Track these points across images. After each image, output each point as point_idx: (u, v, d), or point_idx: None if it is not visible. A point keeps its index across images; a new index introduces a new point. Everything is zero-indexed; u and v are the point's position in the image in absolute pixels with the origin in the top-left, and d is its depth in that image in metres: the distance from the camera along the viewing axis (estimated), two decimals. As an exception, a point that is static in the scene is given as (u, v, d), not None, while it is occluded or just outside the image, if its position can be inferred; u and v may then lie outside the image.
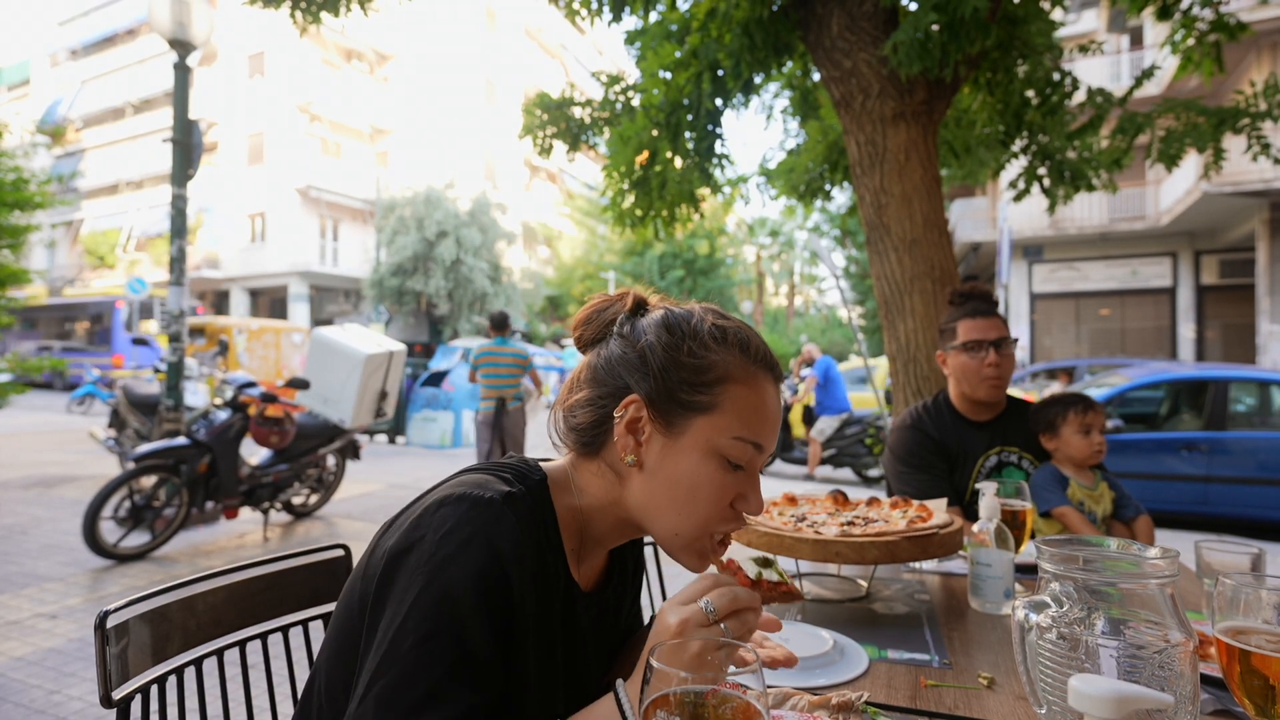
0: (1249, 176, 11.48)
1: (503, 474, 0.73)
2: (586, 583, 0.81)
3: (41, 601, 3.40)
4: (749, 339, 0.75)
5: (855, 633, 1.13)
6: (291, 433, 4.64)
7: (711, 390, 0.71)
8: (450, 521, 0.64)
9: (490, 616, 0.62)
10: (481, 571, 0.63)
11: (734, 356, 0.73)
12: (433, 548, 0.63)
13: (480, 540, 0.64)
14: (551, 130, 4.42)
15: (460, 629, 0.61)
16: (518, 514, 0.67)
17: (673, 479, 0.71)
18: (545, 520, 0.73)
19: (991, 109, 3.69)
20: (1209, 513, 5.46)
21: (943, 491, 1.80)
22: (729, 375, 0.72)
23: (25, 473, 6.70)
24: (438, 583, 0.62)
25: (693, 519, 0.71)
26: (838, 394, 7.93)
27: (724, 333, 0.74)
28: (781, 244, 35.15)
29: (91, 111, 27.70)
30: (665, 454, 0.71)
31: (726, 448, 0.70)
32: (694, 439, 0.71)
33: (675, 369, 0.72)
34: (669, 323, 0.75)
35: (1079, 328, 16.61)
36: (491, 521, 0.65)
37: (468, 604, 0.61)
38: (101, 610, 0.79)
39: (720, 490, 0.71)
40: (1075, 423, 1.79)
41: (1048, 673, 0.71)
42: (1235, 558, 1.15)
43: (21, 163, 6.85)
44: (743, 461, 0.71)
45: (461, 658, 0.60)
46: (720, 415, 0.70)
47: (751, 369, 0.73)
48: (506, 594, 0.64)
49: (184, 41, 5.02)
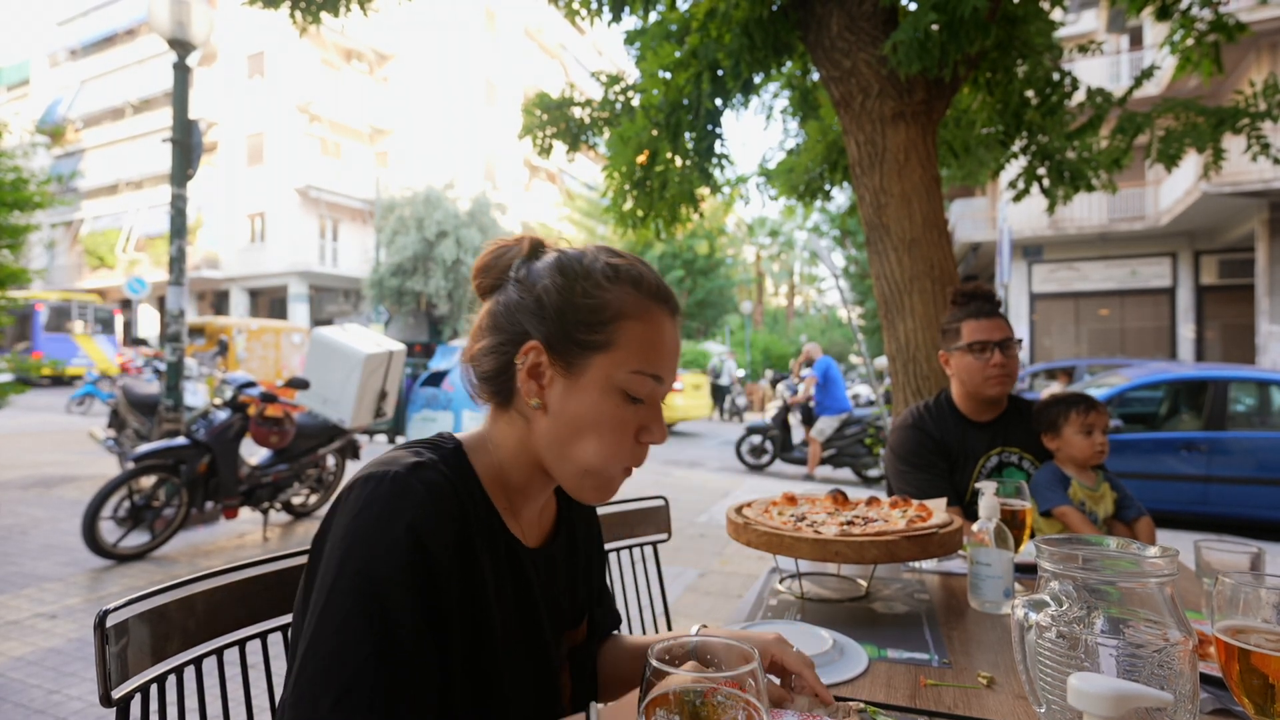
0: (1248, 176, 11.48)
1: (414, 447, 0.74)
2: (532, 539, 0.82)
3: (41, 601, 3.40)
4: (642, 274, 0.76)
5: (855, 632, 1.13)
6: (291, 433, 4.64)
7: (607, 328, 0.72)
8: (359, 504, 0.65)
9: (412, 588, 0.63)
10: (394, 545, 0.63)
11: (627, 293, 0.74)
12: (344, 531, 0.64)
13: (388, 515, 0.64)
14: (551, 130, 4.42)
15: (381, 607, 0.61)
16: (425, 481, 0.67)
17: (576, 418, 0.72)
18: (466, 482, 0.73)
19: (991, 109, 3.69)
20: (1208, 512, 5.46)
21: (943, 491, 1.80)
22: (623, 312, 0.73)
23: (25, 473, 6.70)
24: (352, 565, 0.62)
25: (598, 455, 0.73)
26: (837, 394, 7.93)
27: (616, 270, 0.75)
28: (781, 244, 35.17)
29: (91, 111, 27.69)
30: (567, 395, 0.73)
31: (625, 382, 0.72)
32: (593, 377, 0.72)
33: (570, 310, 0.73)
34: (562, 265, 0.76)
35: (1078, 328, 16.61)
36: (398, 495, 0.65)
37: (386, 581, 0.62)
38: (101, 610, 0.79)
39: (623, 424, 0.73)
40: (1077, 423, 1.79)
41: (1047, 672, 0.71)
42: (1234, 557, 1.15)
43: (21, 163, 6.84)
44: (643, 394, 0.73)
45: (386, 636, 0.61)
46: (617, 351, 0.72)
47: (645, 304, 0.74)
48: (425, 562, 0.64)
49: (183, 41, 5.02)
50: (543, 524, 0.86)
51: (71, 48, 28.92)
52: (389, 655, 0.60)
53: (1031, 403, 1.96)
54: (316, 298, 24.96)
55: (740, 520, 1.29)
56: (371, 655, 0.59)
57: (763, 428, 8.58)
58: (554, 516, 0.88)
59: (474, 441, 0.79)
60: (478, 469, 0.76)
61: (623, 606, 2.39)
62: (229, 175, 24.65)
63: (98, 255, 26.05)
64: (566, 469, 0.75)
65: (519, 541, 0.78)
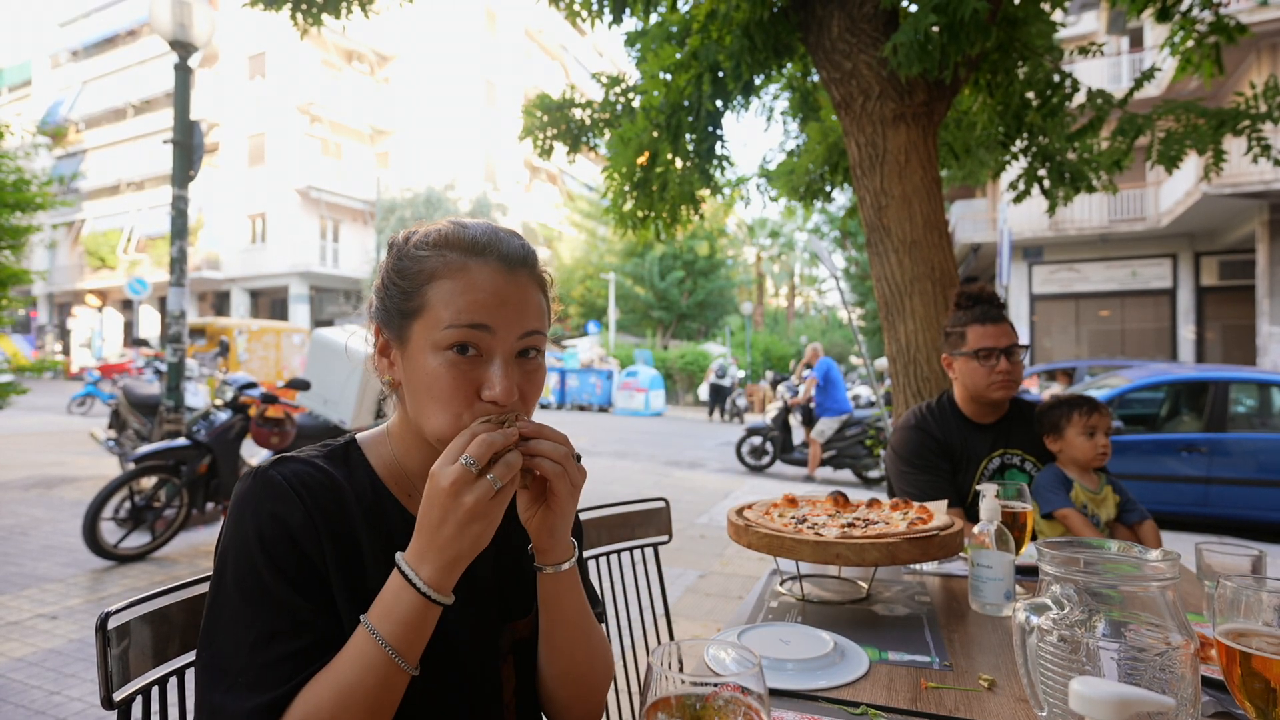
0: (1249, 178, 11.48)
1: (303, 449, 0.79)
2: None
3: (42, 602, 3.40)
4: (454, 233, 0.75)
5: (856, 634, 1.13)
6: (292, 433, 4.64)
7: (419, 294, 0.74)
8: (233, 503, 0.72)
9: (284, 574, 0.68)
10: (262, 532, 0.69)
11: (438, 255, 0.74)
12: (223, 530, 0.72)
13: (253, 508, 0.70)
14: (552, 132, 4.43)
15: (259, 596, 0.67)
16: (286, 473, 0.72)
17: (415, 386, 0.74)
18: (354, 474, 0.77)
19: (992, 110, 3.69)
20: (1209, 514, 5.46)
21: (945, 493, 1.80)
22: (433, 274, 0.74)
23: (25, 473, 6.70)
24: (230, 558, 0.69)
25: (442, 416, 0.72)
26: (838, 395, 7.92)
27: (428, 237, 0.76)
28: (781, 245, 35.16)
29: (93, 112, 27.73)
30: (406, 366, 0.76)
31: (442, 339, 0.72)
32: (418, 344, 0.74)
33: (391, 286, 0.76)
34: (390, 245, 0.79)
35: (1079, 329, 16.61)
36: (260, 488, 0.71)
37: (261, 566, 0.68)
38: (103, 611, 0.79)
39: (455, 382, 0.71)
40: (1080, 424, 1.79)
41: (1049, 675, 0.71)
42: (1236, 559, 1.15)
43: (23, 164, 6.85)
44: (471, 343, 0.72)
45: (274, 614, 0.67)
46: (430, 312, 0.73)
47: (456, 260, 0.74)
48: (292, 548, 0.69)
49: (185, 43, 5.03)
50: None
51: (73, 49, 28.96)
52: (282, 632, 0.66)
53: (1034, 404, 1.96)
54: (317, 298, 24.98)
55: (741, 522, 1.28)
56: (264, 634, 0.66)
57: (763, 429, 8.58)
58: None
59: (372, 437, 0.83)
60: (373, 461, 0.80)
61: (623, 608, 2.39)
62: (230, 176, 24.68)
63: (99, 256, 26.07)
64: (429, 436, 0.75)
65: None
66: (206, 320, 15.24)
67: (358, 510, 0.75)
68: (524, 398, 0.75)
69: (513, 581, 0.86)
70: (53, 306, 29.71)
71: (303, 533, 0.70)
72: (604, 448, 10.07)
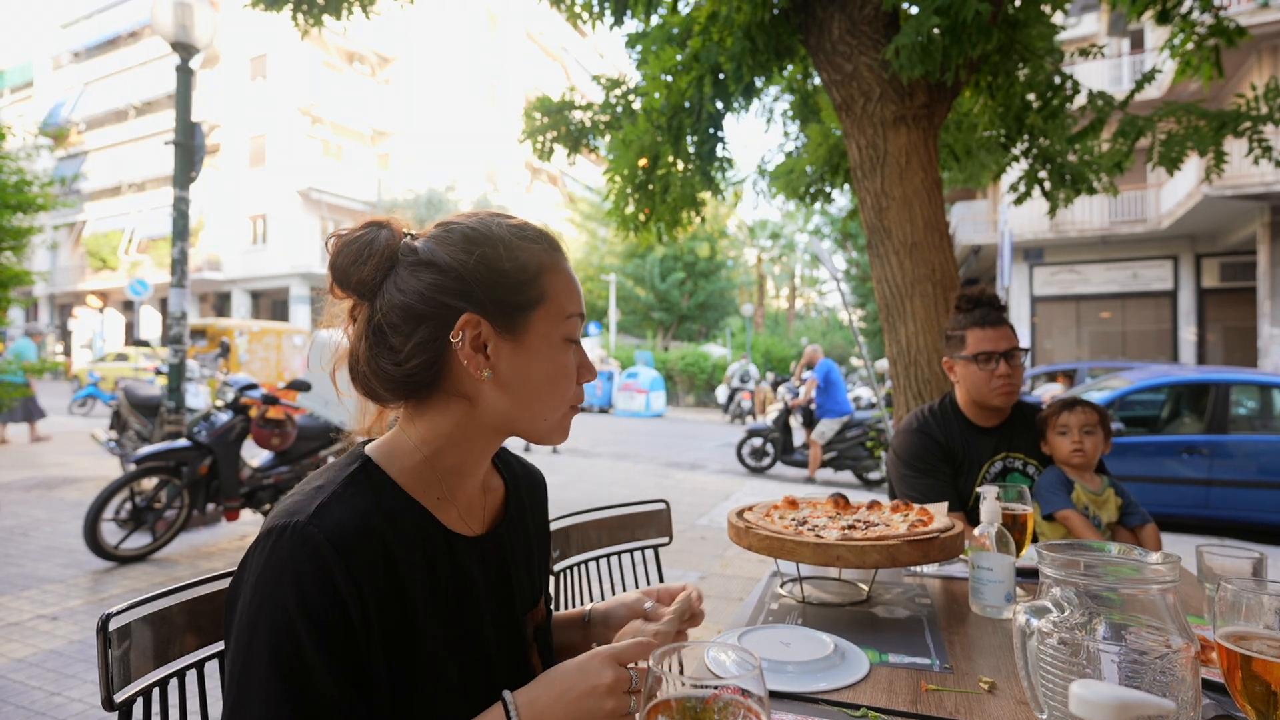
0: (1250, 180, 11.48)
1: (317, 483, 0.71)
2: (475, 526, 0.81)
3: (42, 603, 3.40)
4: (538, 229, 0.80)
5: (856, 636, 1.13)
6: (293, 435, 4.65)
7: (536, 284, 0.75)
8: (262, 562, 0.64)
9: (325, 645, 0.62)
10: (303, 601, 0.62)
11: (537, 247, 0.77)
12: (252, 591, 0.63)
13: (292, 574, 0.62)
14: (552, 134, 4.43)
15: (298, 666, 0.61)
16: (327, 527, 0.65)
17: (530, 375, 0.75)
18: (380, 496, 0.72)
19: (992, 112, 3.69)
20: (1210, 516, 5.45)
21: (946, 496, 1.79)
22: (543, 266, 0.76)
23: (26, 474, 6.70)
24: (264, 626, 0.61)
25: (555, 402, 0.77)
26: (838, 397, 7.92)
27: (522, 231, 0.78)
28: (782, 247, 35.16)
29: (94, 114, 27.76)
30: (516, 356, 0.74)
31: (566, 329, 0.76)
32: (538, 332, 0.75)
33: (499, 276, 0.74)
34: (471, 236, 0.75)
35: (1080, 330, 16.60)
36: (299, 549, 0.63)
37: (298, 640, 0.61)
38: (104, 613, 0.80)
39: (570, 368, 0.77)
40: (1054, 424, 1.82)
41: (1049, 678, 0.71)
42: (1237, 562, 1.15)
43: (24, 165, 6.86)
44: (576, 335, 0.78)
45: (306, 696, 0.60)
46: (550, 302, 0.75)
47: (553, 254, 0.78)
48: (341, 620, 0.63)
49: (186, 44, 5.04)
50: (487, 507, 0.84)
51: (75, 50, 29.01)
52: (314, 715, 0.60)
53: (1037, 407, 1.96)
54: (318, 299, 24.93)
55: (741, 524, 1.29)
56: (295, 716, 0.60)
57: (764, 430, 8.57)
58: (501, 498, 0.88)
59: (387, 448, 0.77)
60: (395, 476, 0.74)
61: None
62: (231, 177, 24.70)
63: (100, 257, 26.11)
64: (530, 424, 0.77)
65: (457, 535, 0.77)
66: (208, 321, 15.26)
67: (399, 548, 0.70)
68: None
69: (524, 574, 0.87)
70: (54, 308, 29.74)
71: (351, 600, 0.64)
72: (605, 449, 10.07)
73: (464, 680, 0.72)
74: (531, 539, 0.91)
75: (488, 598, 0.79)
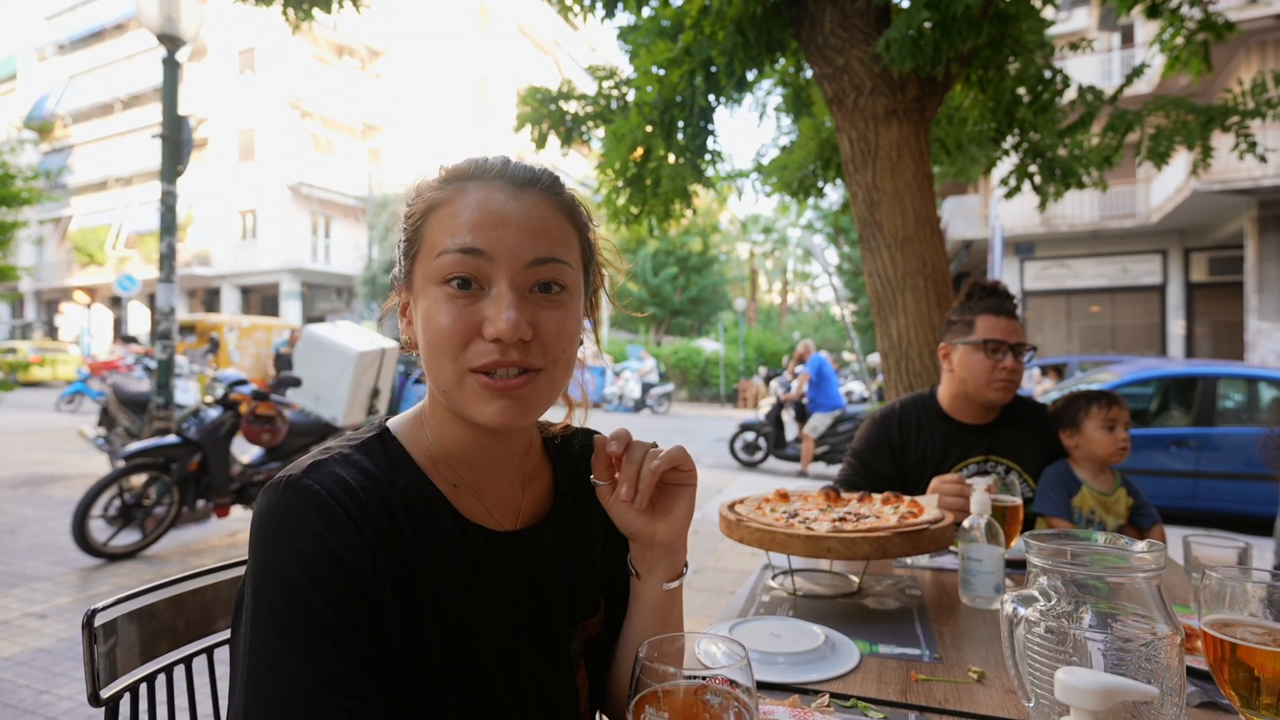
0: (1238, 174, 11.56)
1: (323, 447, 0.66)
2: (508, 520, 0.72)
3: (30, 601, 3.38)
4: (460, 162, 0.68)
5: (847, 628, 1.13)
6: (283, 430, 4.62)
7: (419, 232, 0.65)
8: (260, 518, 0.59)
9: (339, 609, 0.57)
10: (301, 564, 0.57)
11: (432, 188, 0.66)
12: (253, 551, 0.60)
13: (288, 530, 0.58)
14: (547, 123, 4.41)
15: (310, 639, 0.56)
16: (324, 481, 0.60)
17: (422, 333, 0.65)
18: (396, 470, 0.66)
19: (983, 106, 3.70)
20: (1198, 508, 5.51)
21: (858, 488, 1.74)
22: (428, 208, 0.65)
23: (14, 471, 6.64)
24: (265, 598, 0.57)
25: (440, 364, 0.63)
26: (831, 391, 7.95)
27: (434, 180, 0.68)
28: (774, 241, 35.19)
29: (80, 107, 27.44)
30: (416, 318, 0.66)
31: (436, 271, 0.62)
32: (420, 285, 0.65)
33: (401, 236, 0.68)
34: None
35: (1070, 324, 16.71)
36: (293, 504, 0.58)
37: (307, 605, 0.56)
38: (89, 609, 0.79)
39: (453, 318, 0.61)
40: (1099, 417, 1.69)
41: (1036, 666, 0.71)
42: (1223, 552, 1.16)
43: (8, 158, 6.78)
44: (470, 274, 0.61)
45: (323, 664, 0.55)
46: (426, 246, 0.64)
47: (446, 188, 0.65)
48: (344, 576, 0.58)
49: (173, 36, 4.98)
50: (527, 500, 0.75)
51: (60, 42, 28.63)
52: (332, 685, 0.55)
53: (1039, 406, 1.87)
54: (309, 295, 24.83)
55: (733, 517, 1.29)
56: (314, 688, 0.54)
57: (756, 424, 8.59)
58: (547, 488, 0.78)
59: (406, 422, 0.70)
60: (412, 451, 0.68)
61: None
62: (220, 171, 24.49)
63: (87, 252, 25.85)
64: (447, 398, 0.65)
65: (476, 526, 0.68)
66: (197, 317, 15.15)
67: (406, 520, 0.63)
68: (541, 339, 0.63)
69: (581, 579, 0.77)
70: (40, 303, 29.43)
71: (355, 556, 0.58)
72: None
73: (470, 690, 0.64)
74: (596, 533, 0.80)
75: (518, 602, 0.70)
